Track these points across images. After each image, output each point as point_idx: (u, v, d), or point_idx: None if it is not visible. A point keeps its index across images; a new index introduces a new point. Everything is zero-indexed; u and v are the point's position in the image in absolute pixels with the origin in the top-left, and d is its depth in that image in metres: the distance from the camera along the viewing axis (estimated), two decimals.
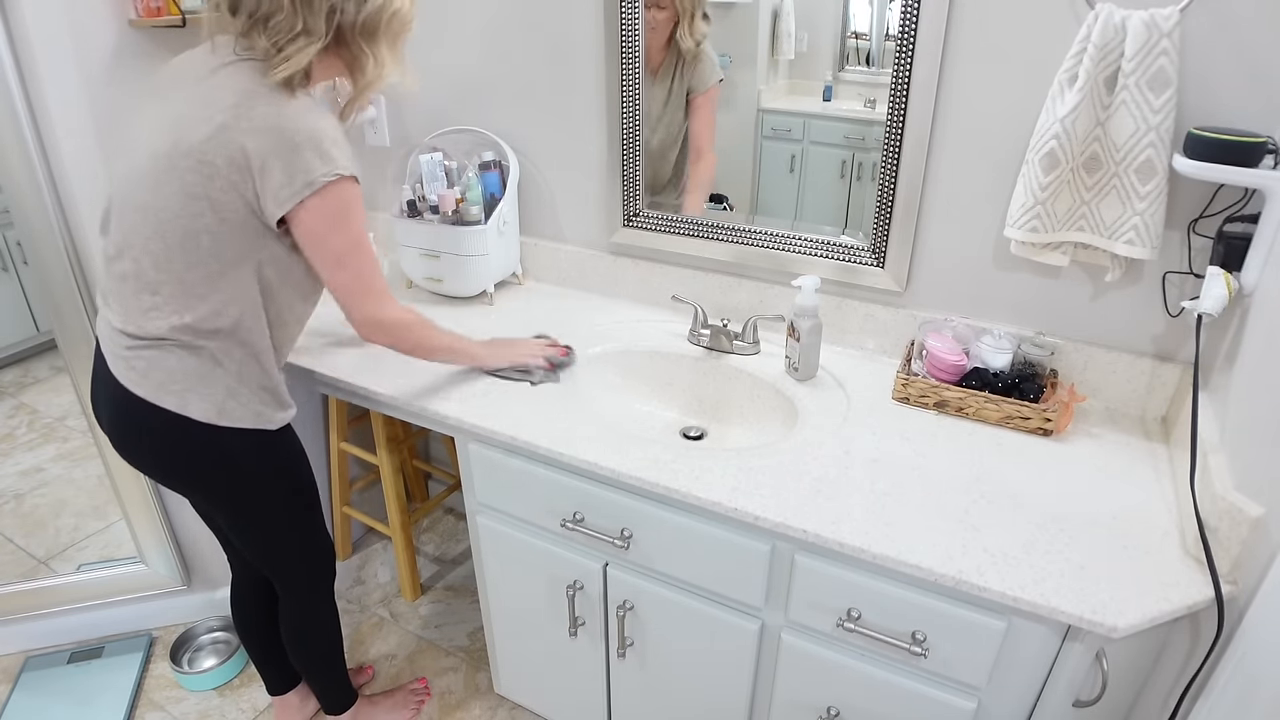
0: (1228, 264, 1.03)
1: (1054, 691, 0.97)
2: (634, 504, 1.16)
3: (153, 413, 1.09)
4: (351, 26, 1.01)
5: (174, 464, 1.16)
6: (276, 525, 1.27)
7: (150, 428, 1.11)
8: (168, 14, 1.39)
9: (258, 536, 1.28)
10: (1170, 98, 1.02)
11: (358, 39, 1.03)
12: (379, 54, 1.06)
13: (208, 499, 1.22)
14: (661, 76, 1.49)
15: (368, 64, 1.05)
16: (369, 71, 1.06)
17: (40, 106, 1.34)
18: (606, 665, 1.38)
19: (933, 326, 1.35)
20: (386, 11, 1.03)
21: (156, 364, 1.07)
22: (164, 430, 1.10)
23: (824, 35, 1.36)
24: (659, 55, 1.48)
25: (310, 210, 1.02)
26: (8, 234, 2.77)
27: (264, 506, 1.24)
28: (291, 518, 1.29)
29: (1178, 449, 1.12)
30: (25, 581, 1.83)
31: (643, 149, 1.54)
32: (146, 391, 1.08)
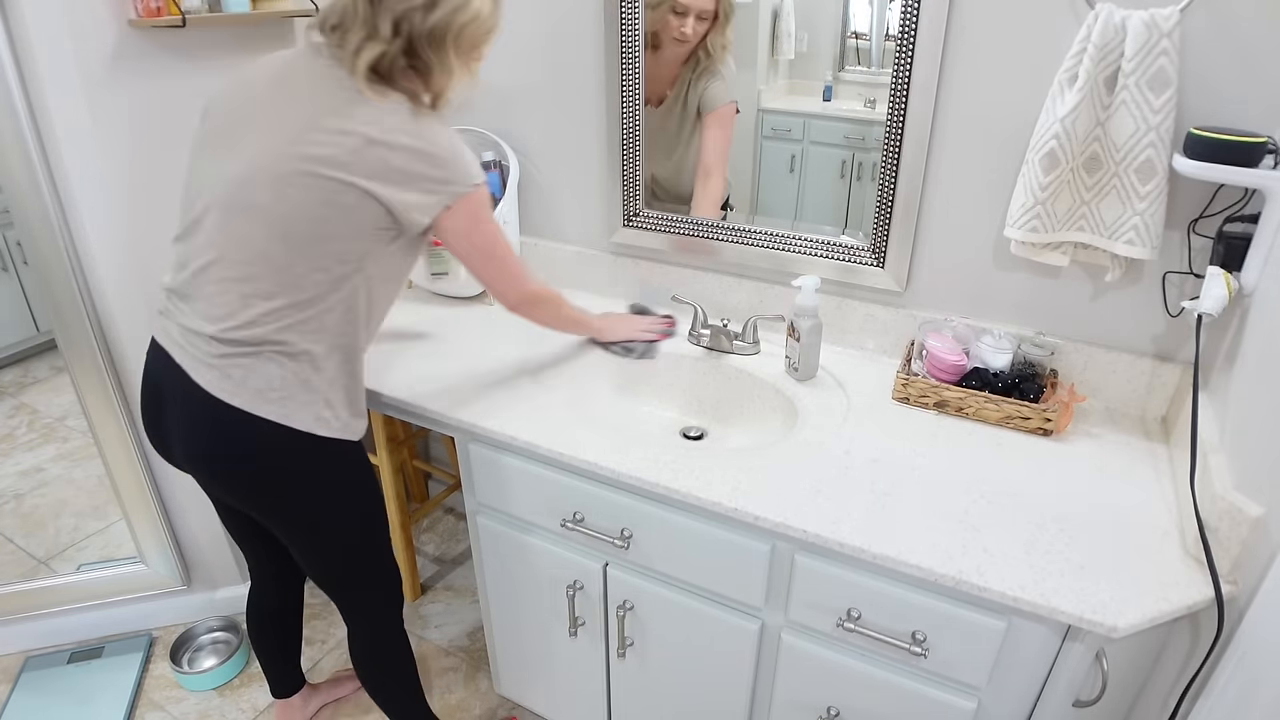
0: (1228, 264, 1.04)
1: (1054, 691, 0.97)
2: (634, 504, 1.16)
3: (249, 423, 1.04)
4: (419, 35, 1.00)
5: (265, 477, 1.10)
6: (355, 542, 1.23)
7: (243, 439, 1.06)
8: (168, 14, 1.39)
9: (336, 556, 1.23)
10: (1170, 98, 1.02)
11: (426, 48, 1.01)
12: (447, 62, 1.03)
13: (292, 514, 1.16)
14: (678, 87, 1.47)
15: (435, 73, 1.04)
16: (436, 81, 1.04)
17: (40, 106, 1.34)
18: (606, 665, 1.38)
19: (933, 326, 1.35)
20: (458, 20, 1.01)
21: (255, 371, 1.04)
22: (259, 441, 1.06)
23: (824, 35, 1.36)
24: (675, 69, 1.44)
25: (456, 214, 1.06)
26: (8, 234, 2.77)
27: (347, 522, 1.20)
28: (369, 535, 1.25)
29: (1178, 449, 1.12)
30: (25, 581, 1.83)
31: (642, 158, 1.53)
32: (244, 401, 1.04)
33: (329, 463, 1.13)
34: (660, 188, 1.60)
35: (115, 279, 1.50)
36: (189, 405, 1.06)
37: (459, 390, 1.32)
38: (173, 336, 1.08)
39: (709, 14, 1.36)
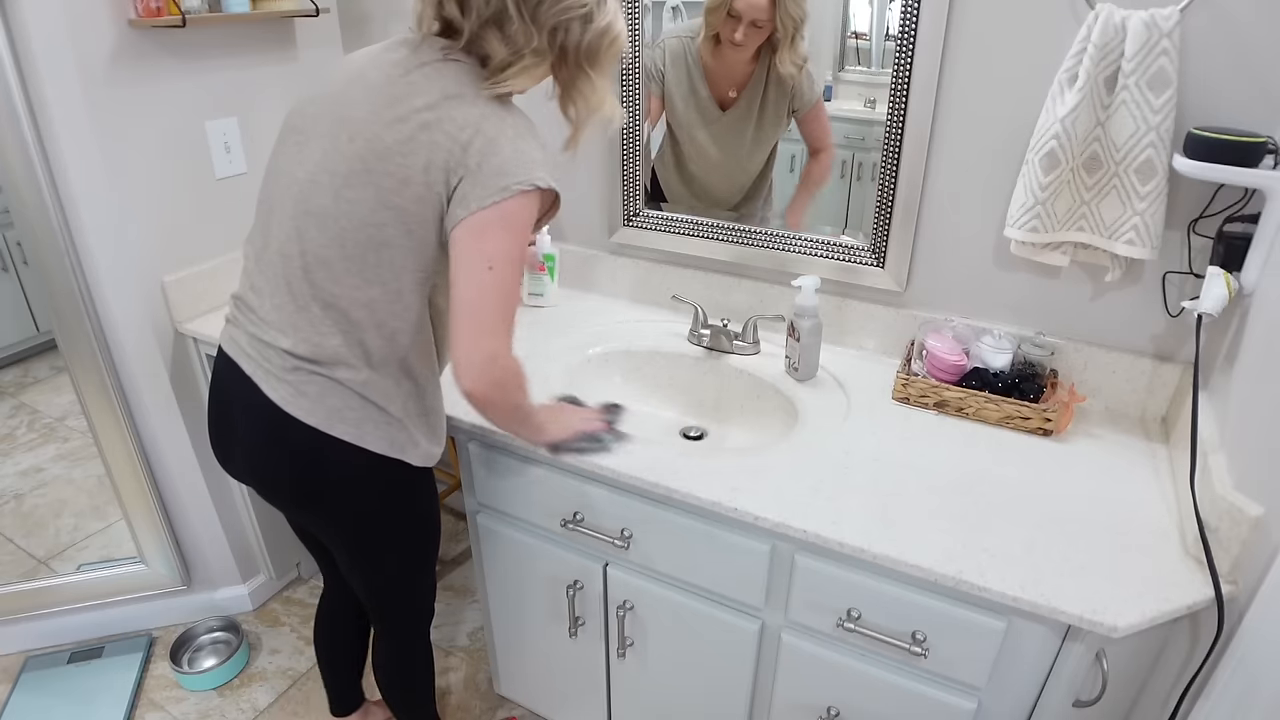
0: (1228, 264, 1.04)
1: (1054, 691, 0.97)
2: (634, 504, 1.16)
3: (324, 443, 0.99)
4: (576, 48, 0.93)
5: (334, 497, 1.05)
6: (407, 565, 1.21)
7: (316, 458, 1.01)
8: (168, 14, 1.39)
9: (382, 574, 1.20)
10: (1170, 98, 1.02)
11: (581, 63, 0.94)
12: (600, 81, 0.97)
13: (350, 533, 1.12)
14: (749, 95, 1.44)
15: (589, 90, 0.97)
16: (591, 99, 0.97)
17: (40, 106, 1.34)
18: (606, 665, 1.38)
19: (933, 326, 1.35)
20: (608, 37, 0.95)
21: (332, 390, 0.98)
22: (332, 461, 1.01)
23: (824, 35, 1.36)
24: (743, 71, 1.42)
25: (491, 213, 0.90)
26: (8, 234, 2.77)
27: (405, 545, 1.17)
28: (422, 559, 1.22)
29: (1178, 449, 1.12)
30: (25, 581, 1.83)
31: (642, 157, 1.53)
32: (319, 420, 0.98)
33: (399, 489, 1.09)
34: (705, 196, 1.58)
35: (115, 279, 1.50)
36: (258, 420, 1.01)
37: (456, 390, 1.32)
38: (241, 346, 1.03)
39: (764, 23, 1.34)
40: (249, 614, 1.97)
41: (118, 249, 1.49)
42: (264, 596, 2.00)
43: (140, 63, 1.43)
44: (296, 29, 1.69)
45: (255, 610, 1.98)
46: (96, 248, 1.46)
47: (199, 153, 1.57)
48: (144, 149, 1.48)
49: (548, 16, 0.91)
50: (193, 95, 1.53)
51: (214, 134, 1.58)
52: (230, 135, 1.61)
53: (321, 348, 0.97)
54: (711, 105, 1.50)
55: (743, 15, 1.35)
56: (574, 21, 0.92)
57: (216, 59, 1.55)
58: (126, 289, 1.52)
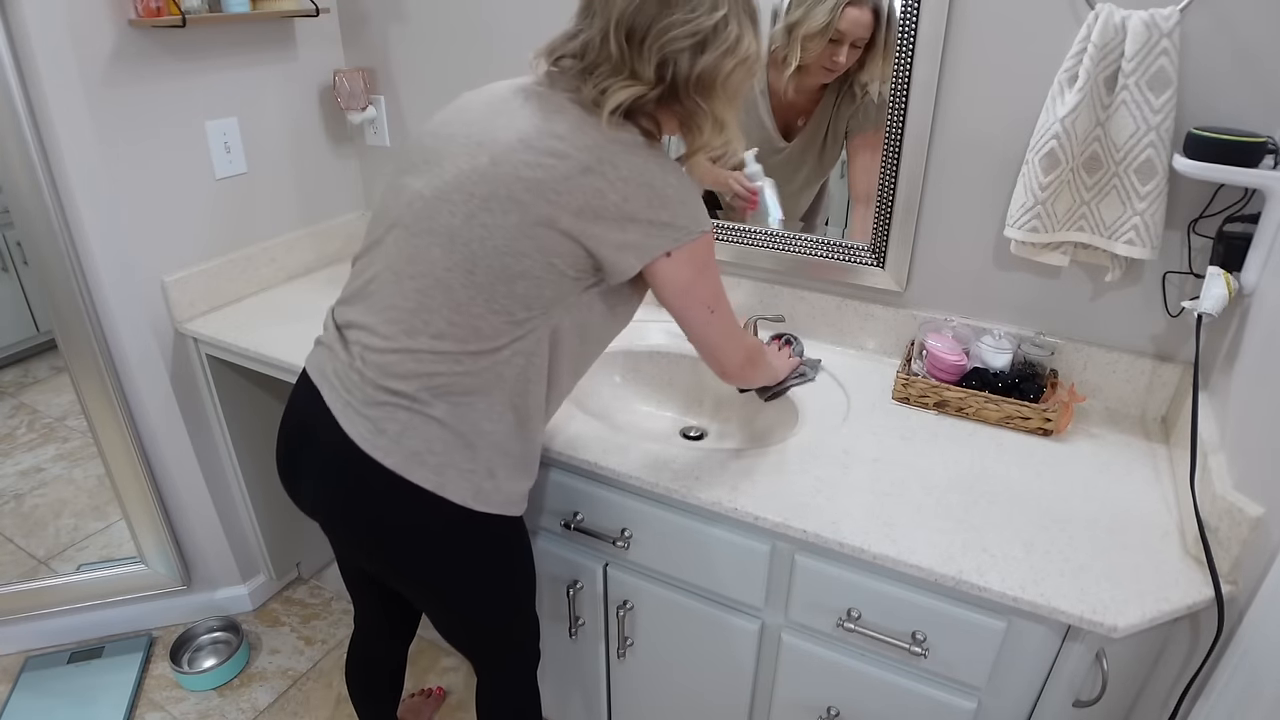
0: (1228, 264, 1.04)
1: (1054, 691, 0.97)
2: (634, 504, 1.16)
3: (399, 487, 0.92)
4: (686, 80, 0.87)
5: (409, 548, 0.98)
6: (503, 618, 1.12)
7: (390, 503, 0.93)
8: (168, 14, 1.39)
9: (479, 630, 1.13)
10: (1170, 98, 1.02)
11: (692, 95, 0.88)
12: (718, 112, 0.90)
13: (430, 588, 1.04)
14: (817, 119, 1.37)
15: (705, 123, 0.91)
16: (706, 132, 0.91)
17: (40, 106, 1.34)
18: (606, 665, 1.38)
19: (933, 326, 1.35)
20: (729, 63, 0.87)
21: (414, 428, 0.91)
22: (408, 508, 0.93)
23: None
24: (814, 98, 1.35)
25: (676, 263, 0.91)
26: (8, 234, 2.77)
27: (494, 601, 1.08)
28: (516, 611, 1.14)
29: (1178, 449, 1.12)
30: (25, 581, 1.83)
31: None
32: (396, 462, 0.91)
33: (483, 541, 1.00)
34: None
35: (115, 279, 1.50)
36: (332, 455, 0.94)
37: None
38: (326, 374, 0.97)
39: (864, 41, 1.26)
40: (249, 614, 1.97)
41: (118, 249, 1.49)
42: (264, 596, 2.00)
43: (140, 63, 1.43)
44: (296, 29, 1.69)
45: (255, 610, 1.98)
46: (96, 248, 1.46)
47: (199, 153, 1.57)
48: (144, 149, 1.48)
49: (651, 50, 0.86)
50: (193, 95, 1.53)
51: (214, 134, 1.58)
52: (230, 135, 1.61)
53: (417, 374, 0.91)
54: (775, 135, 1.43)
55: (846, 36, 1.26)
56: (683, 54, 0.86)
57: (216, 59, 1.55)
58: (126, 289, 1.52)
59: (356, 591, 1.29)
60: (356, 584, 1.27)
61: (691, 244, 0.91)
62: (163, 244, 1.56)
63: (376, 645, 1.35)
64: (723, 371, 1.08)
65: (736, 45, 0.87)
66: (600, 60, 0.88)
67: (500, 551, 1.04)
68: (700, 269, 0.94)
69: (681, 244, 0.90)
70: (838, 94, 1.33)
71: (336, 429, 0.93)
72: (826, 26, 1.27)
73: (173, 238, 1.57)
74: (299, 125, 1.76)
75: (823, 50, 1.29)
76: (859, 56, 1.27)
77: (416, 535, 0.96)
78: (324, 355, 0.99)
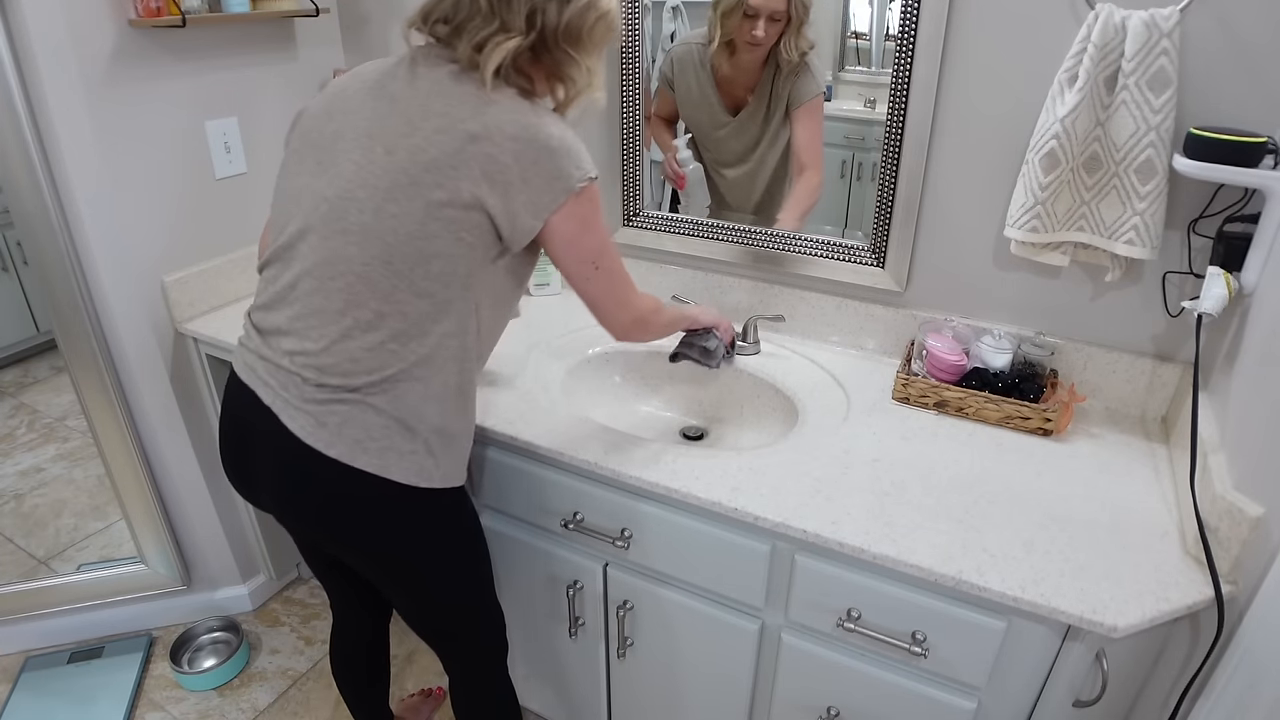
0: (1228, 264, 1.04)
1: (1054, 691, 0.97)
2: (634, 504, 1.16)
3: (346, 475, 0.95)
4: (554, 30, 0.91)
5: (364, 530, 1.01)
6: (462, 593, 1.15)
7: (340, 491, 0.97)
8: (168, 14, 1.39)
9: (439, 607, 1.15)
10: (1170, 98, 1.02)
11: (561, 44, 0.93)
12: (586, 61, 0.96)
13: (389, 567, 1.07)
14: (759, 93, 1.43)
15: (576, 72, 0.96)
16: (579, 80, 0.96)
17: (40, 106, 1.34)
18: (606, 665, 1.38)
19: (933, 326, 1.35)
20: (591, 15, 0.93)
21: (354, 419, 0.94)
22: (357, 494, 0.97)
23: (824, 35, 1.36)
24: (756, 73, 1.41)
25: (565, 215, 0.94)
26: (8, 234, 2.77)
27: (451, 573, 1.11)
28: (473, 583, 1.16)
29: (1178, 449, 1.12)
30: (25, 581, 1.83)
31: (644, 157, 1.53)
32: (340, 452, 0.94)
33: (431, 515, 1.04)
34: (720, 197, 1.57)
35: (115, 279, 1.50)
36: (280, 452, 0.97)
37: None
38: (259, 374, 0.99)
39: (781, 15, 1.33)
40: (249, 614, 1.97)
41: (118, 249, 1.49)
42: (264, 596, 2.00)
43: (140, 63, 1.43)
44: (296, 29, 1.69)
45: (255, 610, 1.98)
46: (96, 248, 1.46)
47: (199, 153, 1.57)
48: (144, 149, 1.48)
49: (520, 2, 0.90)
50: (193, 95, 1.53)
51: (214, 134, 1.58)
52: (230, 135, 1.61)
53: (355, 371, 0.93)
54: (721, 111, 1.49)
55: (760, 10, 1.33)
56: (550, 3, 0.90)
57: (216, 59, 1.55)
58: (126, 289, 1.52)
59: (325, 576, 1.32)
60: (323, 571, 1.30)
61: (577, 195, 0.94)
62: (163, 244, 1.56)
63: (354, 624, 1.38)
64: (610, 329, 1.09)
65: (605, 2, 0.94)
66: (471, 14, 0.91)
67: (452, 519, 1.08)
68: (586, 220, 0.96)
69: (571, 192, 0.93)
70: (776, 71, 1.40)
71: (279, 427, 0.96)
72: (738, 3, 1.35)
73: (173, 238, 1.57)
74: None
75: (741, 25, 1.36)
76: (783, 29, 1.34)
77: (369, 510, 0.99)
78: (251, 358, 1.01)
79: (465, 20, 0.91)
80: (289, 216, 0.97)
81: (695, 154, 1.55)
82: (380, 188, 0.91)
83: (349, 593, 1.33)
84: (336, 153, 0.94)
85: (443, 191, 0.89)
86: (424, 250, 0.91)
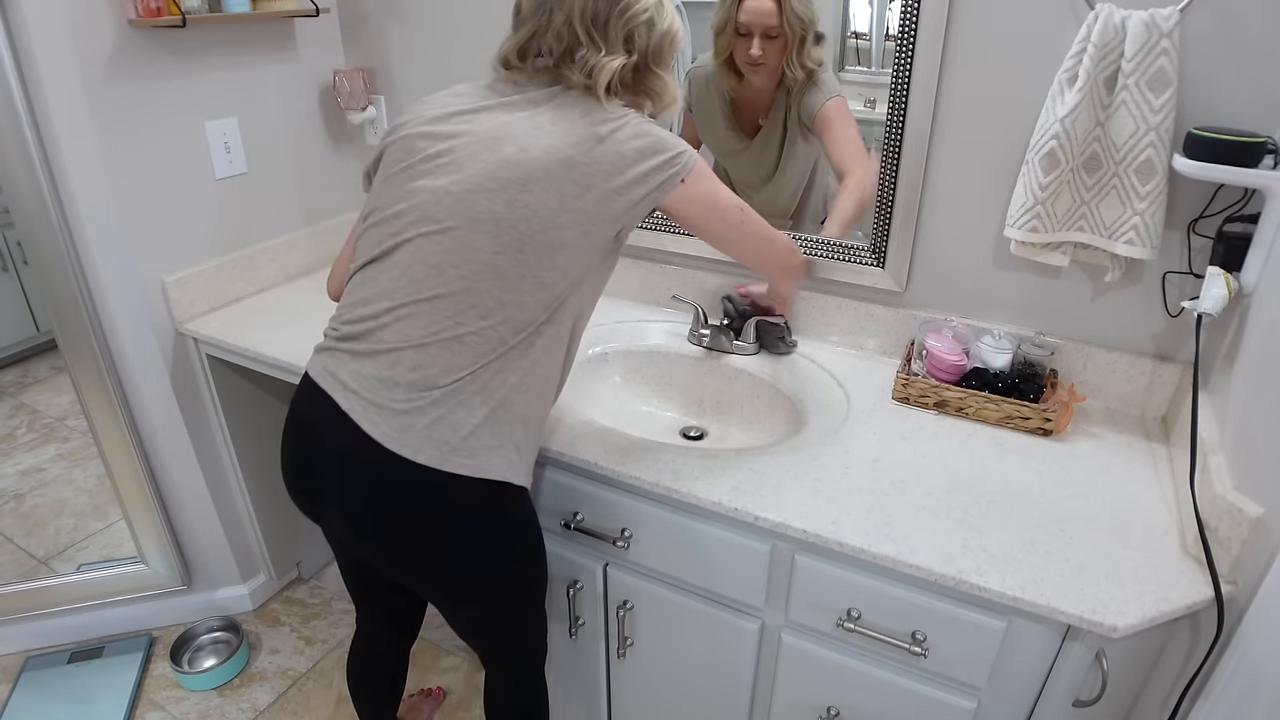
0: (1228, 264, 1.04)
1: (1054, 691, 0.97)
2: (634, 504, 1.16)
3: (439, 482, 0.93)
4: (645, 50, 0.99)
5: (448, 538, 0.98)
6: (526, 599, 1.13)
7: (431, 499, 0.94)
8: (168, 14, 1.39)
9: (498, 610, 1.12)
10: (1170, 98, 1.02)
11: (650, 64, 1.01)
12: (668, 78, 1.04)
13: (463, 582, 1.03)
14: (773, 116, 1.40)
15: (663, 90, 1.04)
16: (664, 95, 1.04)
17: (40, 106, 1.34)
18: (606, 666, 1.38)
19: (933, 326, 1.35)
20: (670, 35, 1.01)
21: (443, 420, 0.92)
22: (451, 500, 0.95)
23: (824, 35, 1.35)
24: (768, 95, 1.38)
25: (692, 182, 1.00)
26: (8, 234, 2.77)
27: (521, 576, 1.09)
28: (538, 590, 1.15)
29: (1178, 449, 1.12)
30: (25, 581, 1.83)
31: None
32: (430, 456, 0.92)
33: (515, 513, 1.03)
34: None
35: (115, 279, 1.50)
36: (358, 464, 0.94)
37: None
38: (339, 377, 0.97)
39: (776, 31, 1.29)
40: (249, 614, 1.97)
41: (118, 249, 1.49)
42: (264, 596, 2.01)
43: (140, 63, 1.43)
44: (296, 29, 1.69)
45: (255, 610, 1.98)
46: (96, 248, 1.46)
47: (199, 153, 1.57)
48: (144, 149, 1.48)
49: (616, 29, 0.97)
50: (193, 95, 1.53)
51: (214, 134, 1.58)
52: (230, 135, 1.61)
53: (456, 364, 0.93)
54: (735, 134, 1.47)
55: (752, 28, 1.30)
56: (640, 27, 0.98)
57: (216, 59, 1.55)
58: (126, 289, 1.53)
59: (364, 594, 1.28)
60: (364, 586, 1.27)
61: (695, 167, 1.01)
62: (163, 244, 1.56)
63: (382, 646, 1.35)
64: (782, 266, 1.22)
65: (672, 22, 1.01)
66: (573, 45, 0.97)
67: (527, 523, 1.07)
68: (712, 182, 1.04)
69: (689, 167, 1.00)
70: (789, 95, 1.38)
71: (358, 434, 0.93)
72: (726, 20, 1.32)
73: (173, 238, 1.57)
74: (299, 125, 1.76)
75: (736, 44, 1.34)
76: (784, 47, 1.31)
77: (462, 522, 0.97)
78: (329, 359, 0.99)
79: (568, 51, 0.97)
80: (398, 216, 0.97)
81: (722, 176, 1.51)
82: (514, 180, 0.93)
83: (386, 615, 1.31)
84: (457, 155, 0.96)
85: (576, 186, 0.93)
86: (554, 240, 0.94)
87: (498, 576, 1.05)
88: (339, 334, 1.00)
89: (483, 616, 1.13)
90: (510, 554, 1.05)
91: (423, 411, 0.92)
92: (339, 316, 1.02)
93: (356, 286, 1.00)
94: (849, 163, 1.37)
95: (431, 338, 0.93)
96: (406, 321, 0.94)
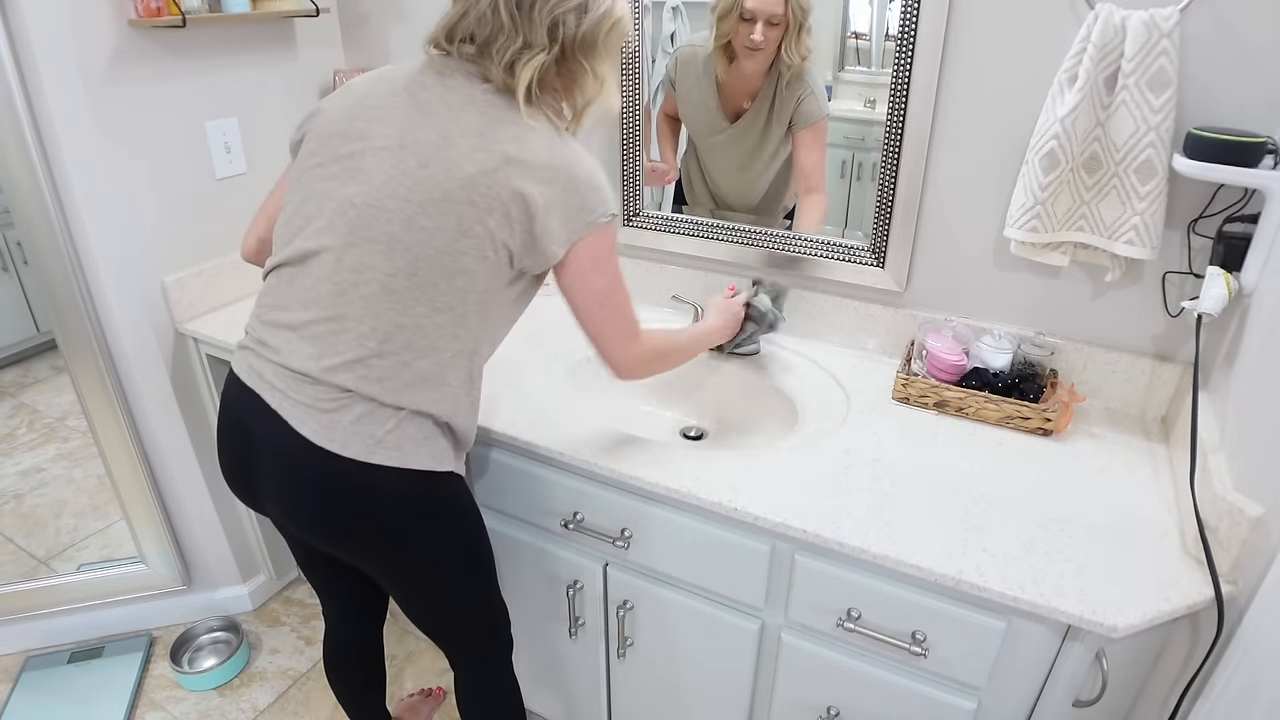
0: (1227, 264, 1.04)
1: (1054, 691, 0.97)
2: (634, 504, 1.16)
3: (365, 473, 0.95)
4: (572, 40, 0.93)
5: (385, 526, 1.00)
6: (470, 587, 1.14)
7: (359, 491, 0.96)
8: (168, 14, 1.39)
9: (448, 602, 1.14)
10: (1170, 98, 1.02)
11: (577, 55, 0.94)
12: (599, 70, 0.97)
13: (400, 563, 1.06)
14: (759, 102, 1.42)
15: (588, 81, 0.97)
16: (589, 89, 0.98)
17: (40, 106, 1.34)
18: (606, 665, 1.38)
19: (933, 326, 1.35)
20: (606, 23, 0.95)
21: (367, 416, 0.94)
22: (378, 491, 0.97)
23: (824, 35, 1.36)
24: (758, 81, 1.40)
25: (582, 250, 0.96)
26: (8, 234, 2.77)
27: (461, 561, 1.10)
28: (485, 575, 1.16)
29: (1178, 449, 1.12)
30: (25, 581, 1.83)
31: (642, 157, 1.53)
32: (357, 450, 0.94)
33: (445, 496, 1.05)
34: (723, 200, 1.56)
35: (115, 279, 1.50)
36: (291, 459, 0.96)
37: None
38: (265, 378, 0.97)
39: (779, 18, 1.30)
40: (249, 614, 1.97)
41: (118, 249, 1.49)
42: (264, 596, 2.00)
43: (140, 63, 1.43)
44: (296, 29, 1.69)
45: (255, 610, 1.98)
46: (96, 248, 1.46)
47: (199, 153, 1.57)
48: (144, 149, 1.48)
49: (541, 14, 0.91)
50: (193, 95, 1.53)
51: (214, 134, 1.59)
52: (230, 135, 1.61)
53: (369, 378, 0.94)
54: (720, 117, 1.48)
55: (757, 14, 1.31)
56: (569, 15, 0.91)
57: (216, 59, 1.55)
58: (126, 289, 1.53)
59: (321, 579, 1.30)
60: (319, 572, 1.28)
61: (600, 229, 0.97)
62: (163, 244, 1.56)
63: (345, 631, 1.37)
64: (613, 369, 1.09)
65: (612, 7, 0.95)
66: (495, 33, 0.92)
67: (464, 505, 1.08)
68: (599, 259, 0.99)
69: (594, 226, 0.96)
70: (778, 80, 1.38)
71: (289, 432, 0.94)
72: (732, 5, 1.33)
73: (173, 238, 1.57)
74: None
75: (738, 29, 1.34)
76: (783, 33, 1.32)
77: (394, 511, 0.99)
78: (258, 362, 0.99)
79: (490, 38, 0.92)
80: (307, 218, 0.97)
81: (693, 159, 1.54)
82: (413, 200, 0.91)
83: (344, 597, 1.32)
84: (364, 160, 0.94)
85: (475, 209, 0.91)
86: (450, 266, 0.92)
87: (434, 555, 1.06)
88: (258, 337, 1.00)
89: (433, 602, 1.14)
90: (443, 535, 1.06)
91: (348, 408, 0.94)
92: (260, 317, 1.01)
93: (273, 288, 1.00)
94: (815, 181, 1.43)
95: (340, 356, 0.94)
96: (321, 340, 0.94)
